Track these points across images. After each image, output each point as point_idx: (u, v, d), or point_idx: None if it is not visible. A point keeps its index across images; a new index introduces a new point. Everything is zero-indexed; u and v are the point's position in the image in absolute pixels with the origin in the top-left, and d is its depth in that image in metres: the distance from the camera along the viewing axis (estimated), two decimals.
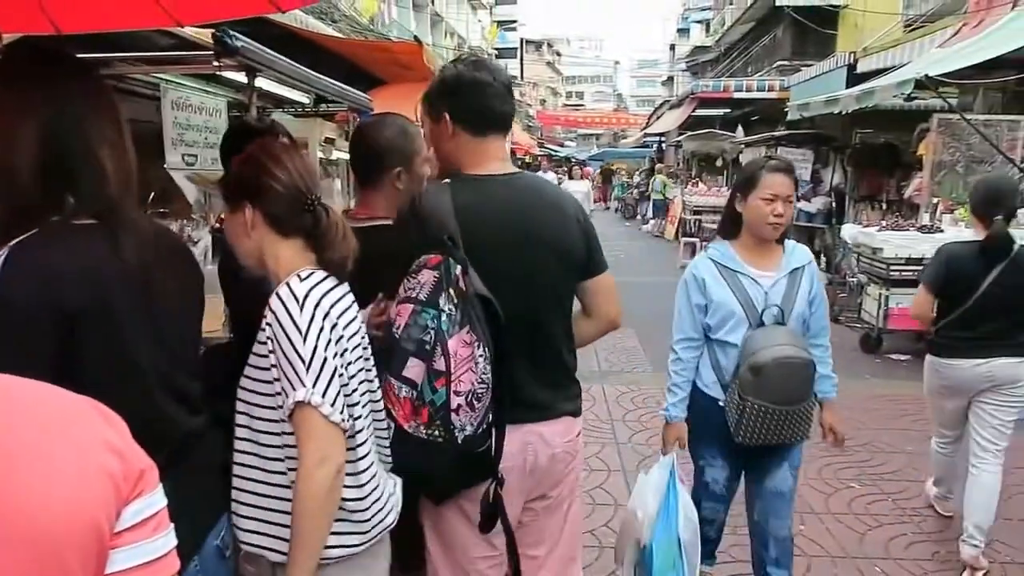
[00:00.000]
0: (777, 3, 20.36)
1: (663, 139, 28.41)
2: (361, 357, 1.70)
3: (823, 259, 12.19)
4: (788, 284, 2.68)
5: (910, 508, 4.15)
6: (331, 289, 1.62)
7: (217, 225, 4.68)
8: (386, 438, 1.79)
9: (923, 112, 9.79)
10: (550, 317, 2.02)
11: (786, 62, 20.53)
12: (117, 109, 1.44)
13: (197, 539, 1.46)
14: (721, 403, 2.70)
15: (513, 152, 22.60)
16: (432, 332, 1.68)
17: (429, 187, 1.96)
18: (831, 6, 19.28)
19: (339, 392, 1.52)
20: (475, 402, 1.72)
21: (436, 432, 1.70)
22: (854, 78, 11.54)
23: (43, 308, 1.22)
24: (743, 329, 2.64)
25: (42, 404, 0.74)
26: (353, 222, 2.32)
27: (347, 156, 5.26)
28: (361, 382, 1.68)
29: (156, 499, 0.77)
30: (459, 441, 1.71)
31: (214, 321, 2.70)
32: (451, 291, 1.71)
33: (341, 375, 1.56)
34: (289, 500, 1.53)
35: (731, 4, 32.44)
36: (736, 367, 2.64)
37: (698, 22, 47.94)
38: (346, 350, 1.61)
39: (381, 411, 1.77)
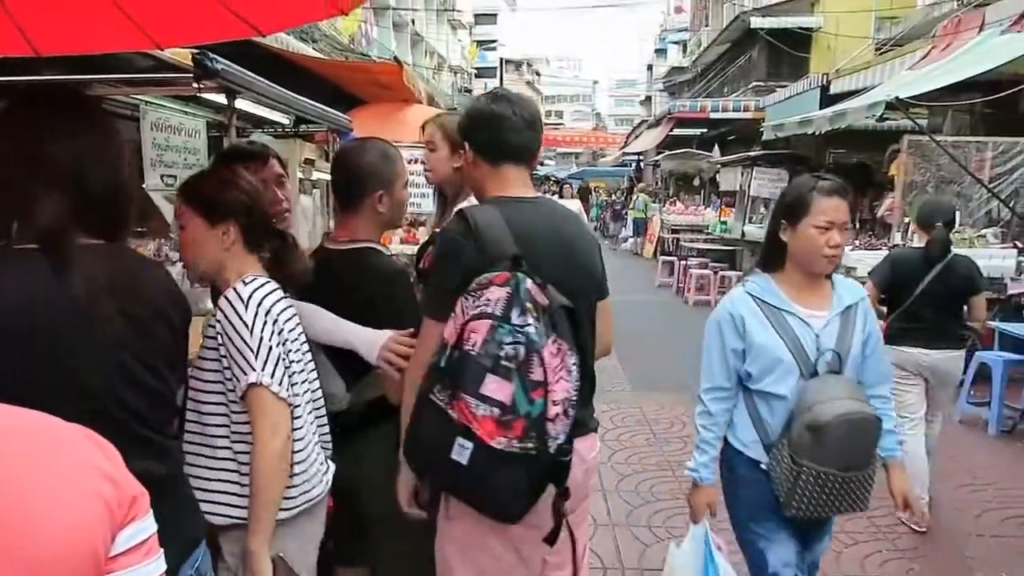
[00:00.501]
0: (751, 26, 20.72)
1: (642, 158, 28.69)
2: (300, 351, 1.95)
3: None
4: (841, 325, 2.30)
5: (884, 526, 4.19)
6: (272, 291, 1.87)
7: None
8: (326, 424, 2.06)
9: (894, 133, 9.99)
10: (585, 334, 2.06)
11: (761, 83, 20.87)
12: (105, 133, 1.46)
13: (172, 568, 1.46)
14: (764, 466, 2.32)
15: None
16: (521, 345, 1.69)
17: (475, 207, 1.98)
18: (804, 29, 19.67)
19: (284, 373, 1.81)
20: (570, 410, 1.74)
21: (530, 444, 1.69)
22: (827, 99, 11.73)
23: None
24: (792, 379, 2.25)
25: (34, 432, 0.75)
26: (334, 244, 2.36)
27: (327, 177, 5.27)
28: (300, 371, 1.92)
29: (147, 524, 0.79)
30: (552, 451, 1.71)
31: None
32: (528, 305, 1.73)
33: (283, 360, 1.82)
34: (231, 471, 1.81)
35: (707, 26, 32.95)
36: (785, 424, 2.25)
37: (675, 43, 48.55)
38: (287, 340, 1.87)
39: (320, 400, 2.03)
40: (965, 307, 4.26)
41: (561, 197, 13.72)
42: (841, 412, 2.14)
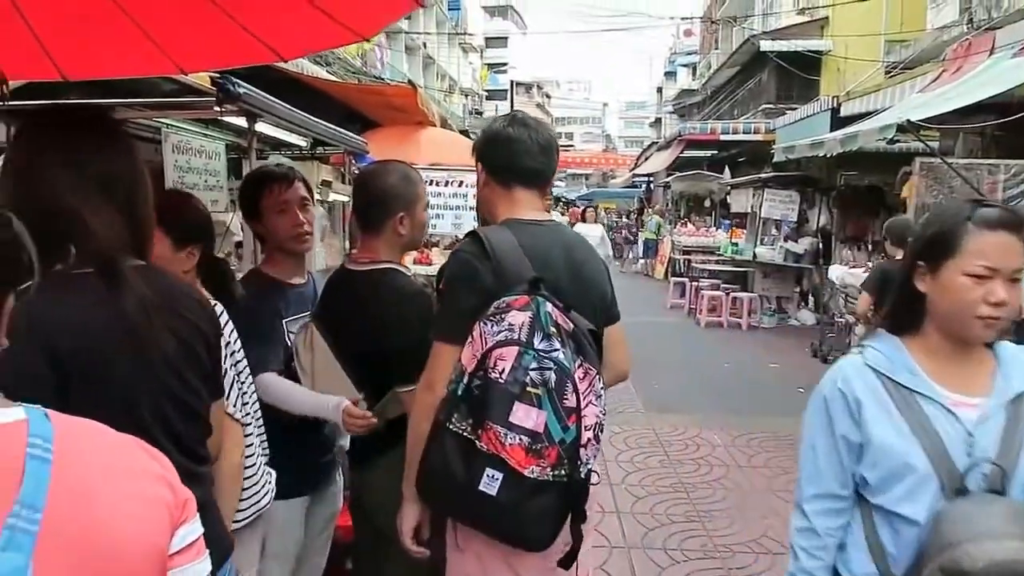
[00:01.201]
0: (761, 49, 20.81)
1: (652, 179, 28.75)
2: (246, 370, 2.03)
3: (811, 299, 12.32)
4: (1008, 421, 1.54)
5: None
6: (221, 313, 1.92)
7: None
8: (264, 433, 2.14)
9: (906, 155, 9.99)
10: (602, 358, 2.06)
11: (771, 105, 20.93)
12: (134, 159, 1.49)
13: None
14: None
15: None
16: (551, 371, 1.68)
17: (489, 228, 1.98)
18: (814, 52, 19.75)
19: (238, 395, 1.90)
20: (599, 434, 1.75)
21: (562, 471, 1.67)
22: (838, 121, 11.74)
23: (39, 354, 1.26)
24: (929, 495, 1.53)
25: (101, 442, 0.81)
26: (355, 265, 2.39)
27: (343, 198, 5.32)
28: (249, 390, 2.04)
29: (197, 526, 0.84)
30: (582, 476, 1.71)
31: None
32: (552, 329, 1.72)
33: (236, 381, 1.91)
34: None
35: (717, 49, 33.14)
36: (915, 561, 1.54)
37: (684, 66, 48.84)
38: (237, 362, 1.95)
39: (259, 411, 2.09)
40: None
41: (584, 221, 13.24)
42: (1000, 559, 1.38)
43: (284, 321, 2.37)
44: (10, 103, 2.47)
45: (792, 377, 8.18)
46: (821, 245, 11.89)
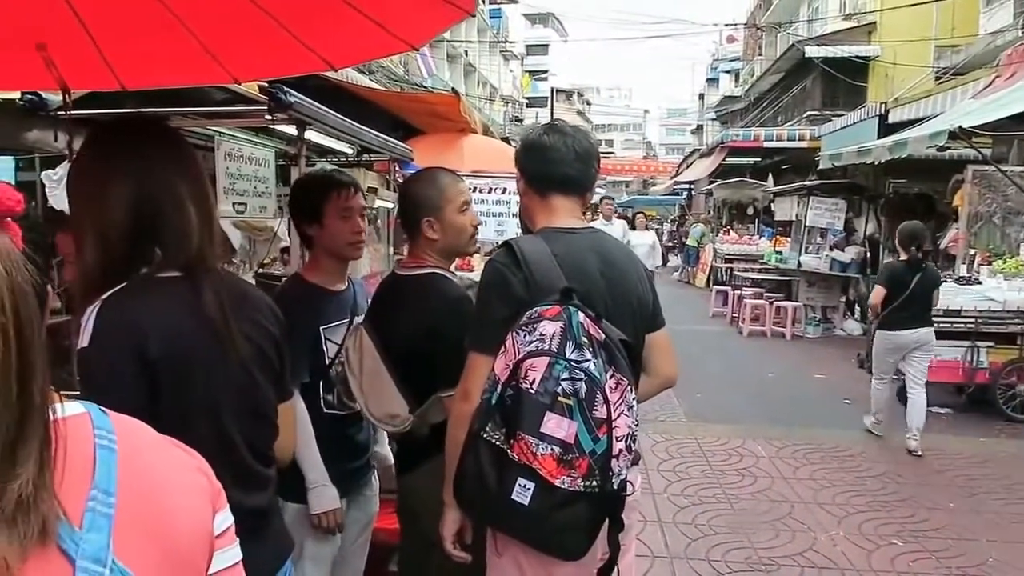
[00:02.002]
0: (807, 55, 20.52)
1: (693, 187, 28.50)
2: None
3: (857, 309, 12.08)
4: None
5: (955, 567, 4.04)
6: None
7: (260, 270, 4.80)
8: None
9: (957, 163, 9.77)
10: (639, 368, 2.04)
11: (816, 112, 20.62)
12: (200, 167, 1.53)
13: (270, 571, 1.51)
14: None
15: None
16: (582, 382, 1.67)
17: (522, 238, 1.99)
18: (861, 58, 19.41)
19: None
20: (632, 444, 1.73)
21: (593, 482, 1.67)
22: (886, 128, 11.54)
23: (129, 357, 1.29)
24: None
25: (149, 436, 0.86)
26: (403, 270, 2.41)
27: (388, 204, 5.38)
28: None
29: (229, 515, 0.88)
30: (614, 487, 1.70)
31: None
32: (583, 339, 1.71)
33: None
34: None
35: (760, 55, 32.78)
36: None
37: (727, 72, 48.37)
38: None
39: None
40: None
41: (633, 228, 12.49)
42: None
43: (323, 328, 2.37)
44: (72, 112, 2.56)
45: (838, 388, 8.02)
46: (869, 254, 11.66)
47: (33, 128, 5.33)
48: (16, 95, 3.24)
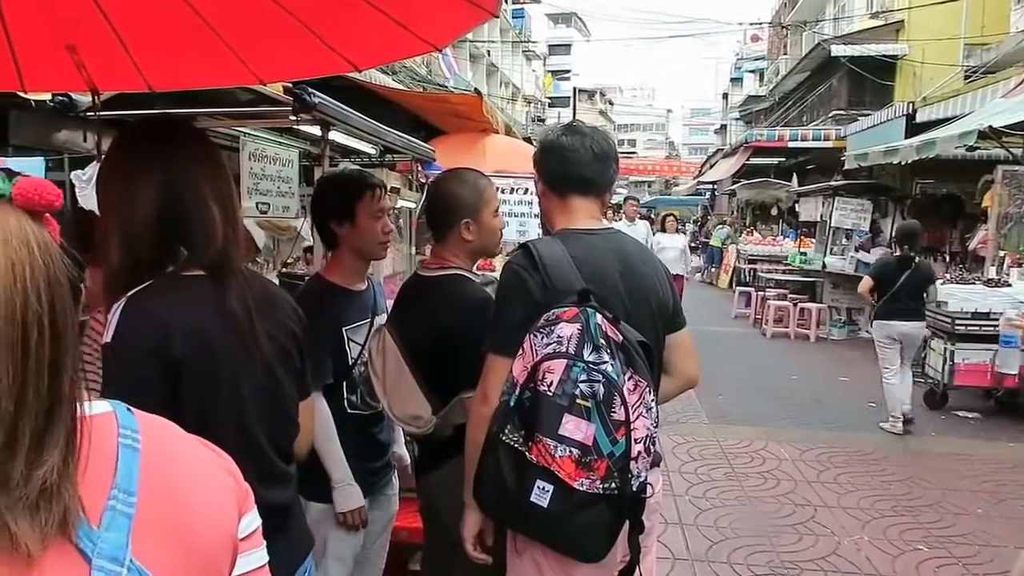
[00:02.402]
0: (833, 53, 20.30)
1: (716, 187, 28.32)
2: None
3: None
4: None
5: (983, 574, 3.98)
6: None
7: (284, 269, 4.85)
8: None
9: (986, 163, 9.62)
10: (658, 369, 2.02)
11: (842, 111, 20.39)
12: (225, 167, 1.55)
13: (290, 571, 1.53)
14: None
15: None
16: (600, 384, 1.66)
17: (539, 240, 1.98)
18: (888, 57, 19.17)
19: None
20: (651, 447, 1.73)
21: (612, 484, 1.66)
22: (913, 128, 11.41)
23: (152, 354, 1.31)
24: None
25: (175, 434, 0.86)
26: (426, 271, 2.41)
27: (411, 205, 5.40)
28: None
29: (256, 517, 0.88)
30: (633, 489, 1.69)
31: None
32: (601, 341, 1.71)
33: None
34: None
35: (785, 54, 32.49)
36: None
37: (751, 71, 47.99)
38: None
39: None
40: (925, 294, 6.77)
41: (664, 231, 11.88)
42: None
43: (345, 329, 2.37)
44: (101, 113, 2.60)
45: (863, 391, 7.93)
46: None
47: (62, 129, 5.41)
48: (47, 96, 3.29)
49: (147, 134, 1.52)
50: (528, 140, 12.15)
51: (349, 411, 2.37)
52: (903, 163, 9.66)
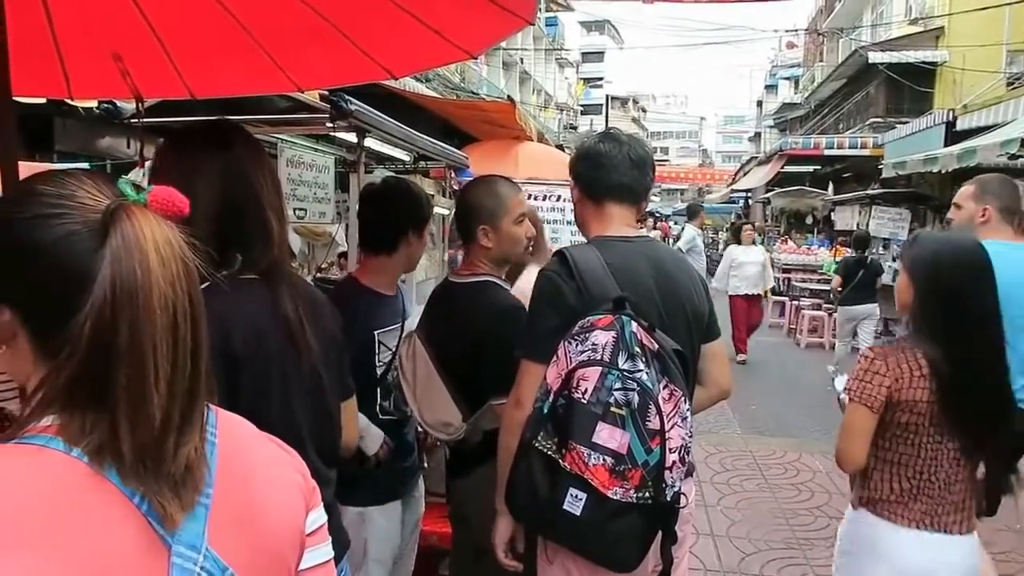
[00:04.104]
0: (870, 60, 20.03)
1: (750, 195, 28.06)
2: None
3: None
4: None
5: None
6: None
7: (318, 274, 4.90)
8: None
9: None
10: (692, 378, 2.01)
11: (880, 119, 20.09)
12: (276, 172, 1.57)
13: None
14: None
15: None
16: (634, 392, 1.66)
17: (575, 247, 1.98)
18: (928, 63, 18.85)
19: None
20: (685, 456, 1.72)
21: (646, 493, 1.65)
22: (953, 136, 11.21)
23: (214, 352, 1.32)
24: None
25: (248, 431, 0.91)
26: (456, 277, 2.43)
27: (444, 211, 5.44)
28: None
29: (323, 513, 0.92)
30: (668, 499, 1.68)
31: None
32: (636, 349, 1.70)
33: None
34: None
35: (821, 61, 32.13)
36: None
37: (786, 79, 47.50)
38: None
39: None
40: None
41: (739, 243, 10.45)
42: None
43: (377, 332, 2.38)
44: (144, 120, 2.66)
45: None
46: None
47: (106, 135, 5.54)
48: (92, 104, 3.38)
49: (203, 139, 1.53)
50: (560, 147, 12.16)
51: (381, 417, 2.38)
52: (943, 172, 9.49)
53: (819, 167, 20.58)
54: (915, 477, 2.04)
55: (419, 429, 2.47)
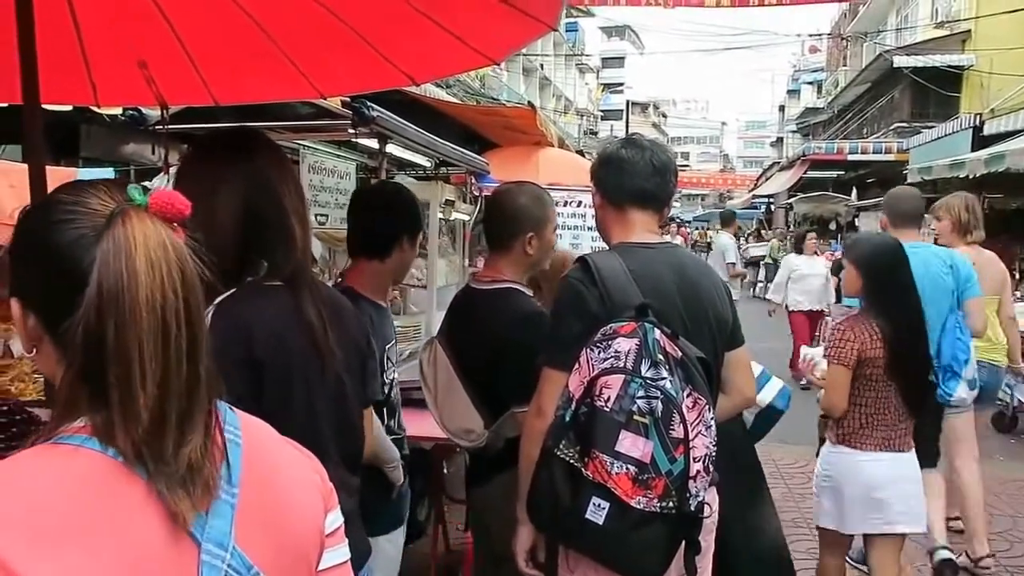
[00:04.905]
0: (895, 65, 19.84)
1: (772, 200, 27.87)
2: None
3: None
4: None
5: None
6: None
7: (340, 280, 4.91)
8: None
9: None
10: (716, 386, 1.99)
11: (904, 124, 19.89)
12: (298, 179, 1.57)
13: None
14: None
15: None
16: (658, 400, 1.64)
17: (597, 253, 1.97)
18: (954, 67, 18.63)
19: None
20: (710, 466, 1.70)
21: (670, 503, 1.64)
22: (980, 140, 11.07)
23: (237, 357, 1.33)
24: None
25: (269, 433, 0.92)
26: (478, 283, 2.41)
27: (464, 217, 5.43)
28: None
29: (340, 515, 0.93)
30: (691, 508, 1.66)
31: None
32: (659, 357, 1.68)
33: None
34: None
35: (845, 66, 31.88)
36: None
37: (809, 83, 47.18)
38: None
39: None
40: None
41: (799, 252, 9.73)
42: None
43: (386, 347, 2.23)
44: (168, 127, 2.68)
45: None
46: None
47: (130, 142, 5.60)
48: (117, 111, 3.41)
49: (226, 146, 1.53)
50: (580, 153, 12.14)
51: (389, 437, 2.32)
52: (970, 177, 9.36)
53: (842, 172, 20.41)
54: (875, 413, 2.82)
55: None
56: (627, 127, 32.99)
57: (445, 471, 3.57)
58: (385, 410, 2.27)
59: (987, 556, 3.97)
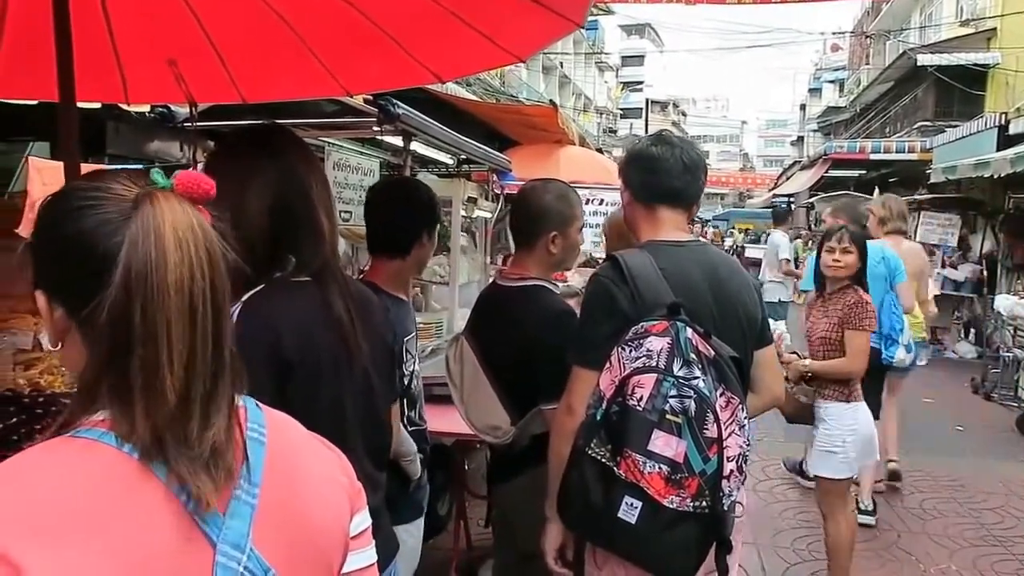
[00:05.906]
0: (919, 63, 19.59)
1: (793, 200, 27.63)
2: None
3: (971, 330, 11.40)
4: None
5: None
6: None
7: (361, 276, 4.94)
8: None
9: None
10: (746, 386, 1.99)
11: (928, 123, 19.61)
12: (325, 176, 1.58)
13: None
14: None
15: None
16: (691, 400, 1.64)
17: (627, 252, 1.94)
18: (979, 66, 18.37)
19: None
20: (744, 465, 1.70)
21: (703, 502, 1.64)
22: (1006, 139, 10.90)
23: (265, 354, 1.34)
24: None
25: (297, 431, 0.91)
26: (505, 280, 2.41)
27: (486, 214, 5.44)
28: None
29: (367, 516, 0.92)
30: (724, 508, 1.66)
31: None
32: (692, 356, 1.68)
33: None
34: None
35: (867, 64, 31.54)
36: None
37: (831, 82, 46.73)
38: None
39: None
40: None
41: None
42: None
43: (405, 340, 2.23)
44: (196, 124, 2.71)
45: (949, 414, 7.59)
46: (985, 273, 11.00)
47: (156, 139, 5.66)
48: (145, 108, 3.45)
49: (254, 142, 1.54)
50: (600, 151, 12.10)
51: (409, 429, 2.28)
52: (995, 176, 9.23)
53: (864, 172, 20.15)
54: None
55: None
56: (647, 125, 32.85)
57: (466, 467, 3.58)
58: (405, 401, 2.28)
59: (892, 461, 5.41)
